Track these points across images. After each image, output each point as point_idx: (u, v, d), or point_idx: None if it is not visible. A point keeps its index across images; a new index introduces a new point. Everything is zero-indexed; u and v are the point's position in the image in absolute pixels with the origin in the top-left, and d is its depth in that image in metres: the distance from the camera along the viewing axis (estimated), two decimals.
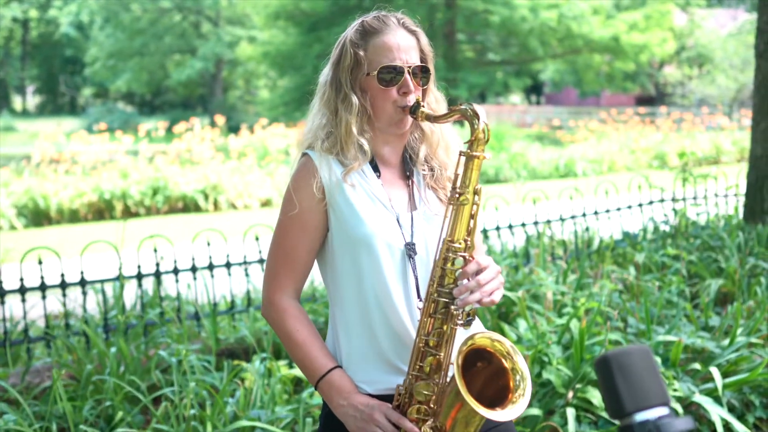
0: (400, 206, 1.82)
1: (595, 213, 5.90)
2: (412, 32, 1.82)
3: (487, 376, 1.71)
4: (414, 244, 1.78)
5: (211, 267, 4.60)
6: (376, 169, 1.83)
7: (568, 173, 15.46)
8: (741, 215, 5.95)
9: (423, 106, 1.77)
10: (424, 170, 1.88)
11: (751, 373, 3.43)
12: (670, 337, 3.55)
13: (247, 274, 4.74)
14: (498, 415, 1.61)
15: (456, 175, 1.70)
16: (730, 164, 15.91)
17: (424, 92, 1.83)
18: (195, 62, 32.65)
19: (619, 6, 24.55)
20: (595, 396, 3.34)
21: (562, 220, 5.76)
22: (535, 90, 41.88)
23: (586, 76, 25.28)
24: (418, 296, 1.78)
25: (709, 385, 3.48)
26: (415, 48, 1.81)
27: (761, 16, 5.60)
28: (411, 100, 1.78)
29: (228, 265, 4.66)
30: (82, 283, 4.20)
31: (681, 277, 4.55)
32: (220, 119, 18.43)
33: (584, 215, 5.81)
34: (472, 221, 1.69)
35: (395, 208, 1.80)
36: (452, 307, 1.66)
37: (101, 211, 11.90)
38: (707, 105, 24.71)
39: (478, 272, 1.65)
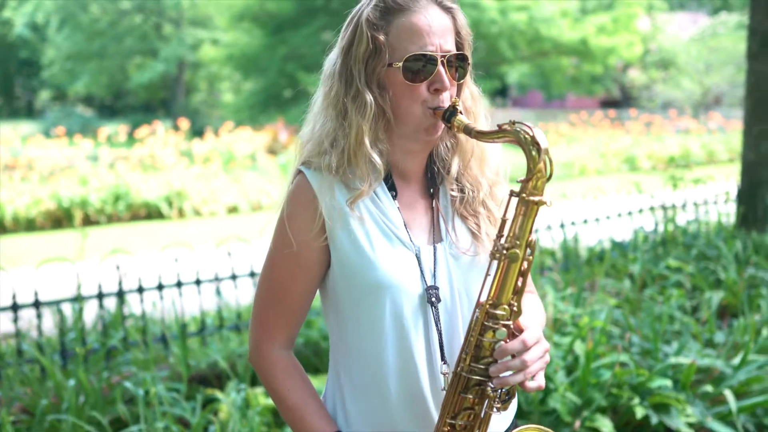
0: (420, 237, 1.44)
1: (585, 222, 5.64)
2: (448, 10, 1.41)
3: None
4: (437, 289, 1.41)
5: (179, 284, 4.24)
6: (392, 187, 1.45)
7: None
8: (732, 222, 5.76)
9: (460, 113, 1.37)
10: (452, 191, 1.48)
11: None
12: (682, 359, 3.31)
13: (218, 292, 4.39)
14: None
15: (503, 221, 1.32)
16: (700, 167, 15.90)
17: (459, 87, 1.44)
18: (156, 65, 31.91)
19: (585, 9, 24.55)
20: (605, 425, 3.08)
21: (550, 228, 5.50)
22: (501, 93, 41.94)
23: (554, 78, 25.18)
24: (442, 356, 1.41)
25: (721, 408, 3.30)
26: (451, 30, 1.41)
27: (753, 16, 5.42)
28: (445, 100, 1.39)
29: (198, 282, 4.31)
30: (36, 304, 3.81)
31: (683, 290, 4.32)
32: (183, 123, 17.90)
33: (573, 223, 5.55)
34: (520, 280, 1.32)
35: (415, 240, 1.43)
36: (489, 387, 1.32)
37: (59, 220, 11.35)
38: (674, 108, 24.84)
39: (522, 351, 1.30)
